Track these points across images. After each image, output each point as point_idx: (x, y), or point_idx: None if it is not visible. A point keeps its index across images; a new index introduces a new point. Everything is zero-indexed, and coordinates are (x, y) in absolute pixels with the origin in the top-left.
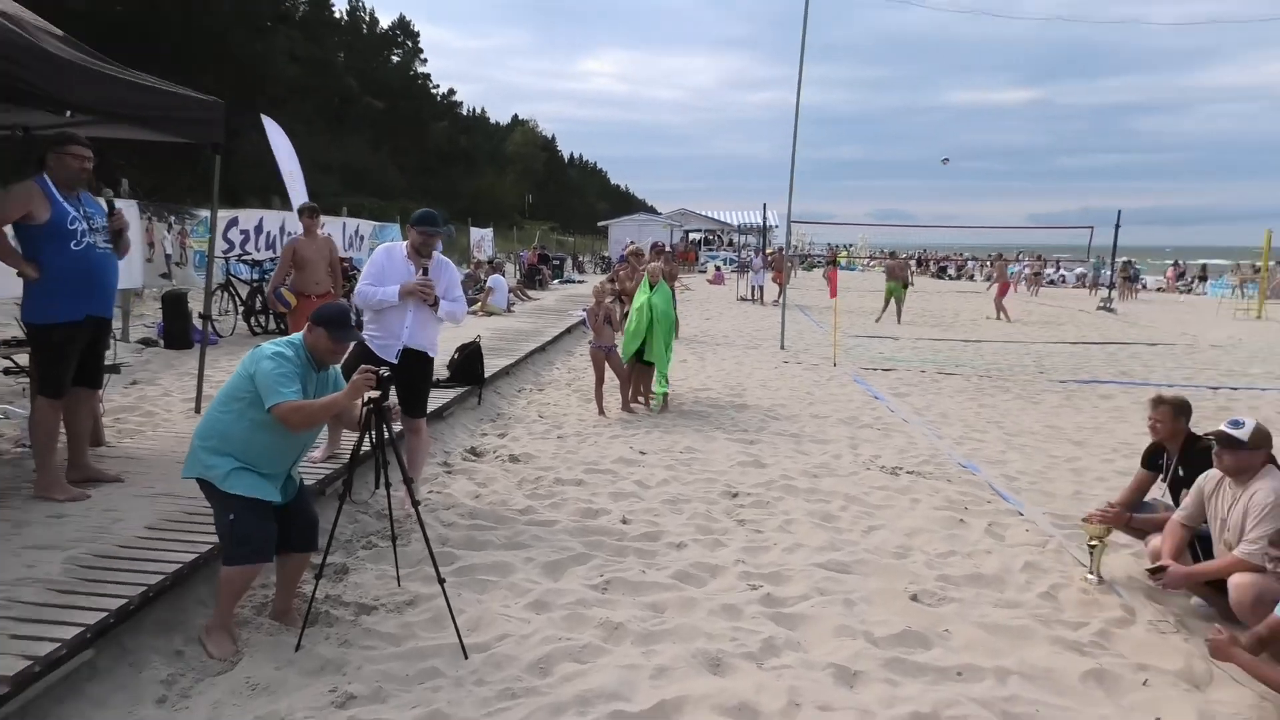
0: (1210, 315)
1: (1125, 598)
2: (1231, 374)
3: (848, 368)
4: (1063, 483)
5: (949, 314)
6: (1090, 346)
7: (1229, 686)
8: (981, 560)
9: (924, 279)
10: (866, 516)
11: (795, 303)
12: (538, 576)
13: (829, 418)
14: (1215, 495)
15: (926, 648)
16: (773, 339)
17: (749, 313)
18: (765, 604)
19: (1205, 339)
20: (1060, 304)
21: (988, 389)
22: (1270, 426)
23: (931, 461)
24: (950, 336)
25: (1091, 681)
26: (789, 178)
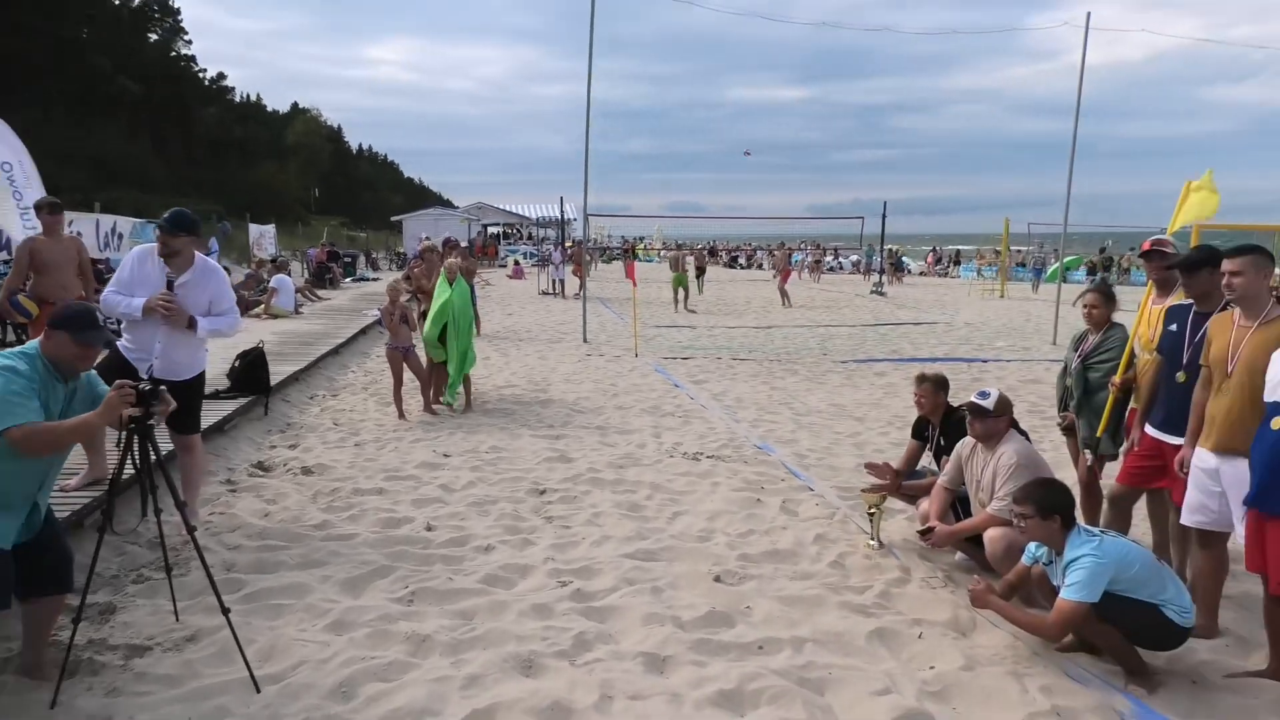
0: (963, 296)
1: (902, 559)
2: (982, 348)
3: (649, 358)
4: (846, 457)
5: (741, 302)
6: (866, 328)
7: (989, 631)
8: (778, 536)
9: (716, 269)
10: (671, 503)
11: (596, 295)
12: (336, 595)
13: (632, 408)
14: (970, 460)
15: (730, 626)
16: (575, 332)
17: (551, 307)
18: (576, 599)
19: (960, 318)
20: (839, 289)
21: (778, 372)
22: (1014, 394)
23: (730, 445)
24: (743, 324)
25: (876, 640)
26: (584, 171)
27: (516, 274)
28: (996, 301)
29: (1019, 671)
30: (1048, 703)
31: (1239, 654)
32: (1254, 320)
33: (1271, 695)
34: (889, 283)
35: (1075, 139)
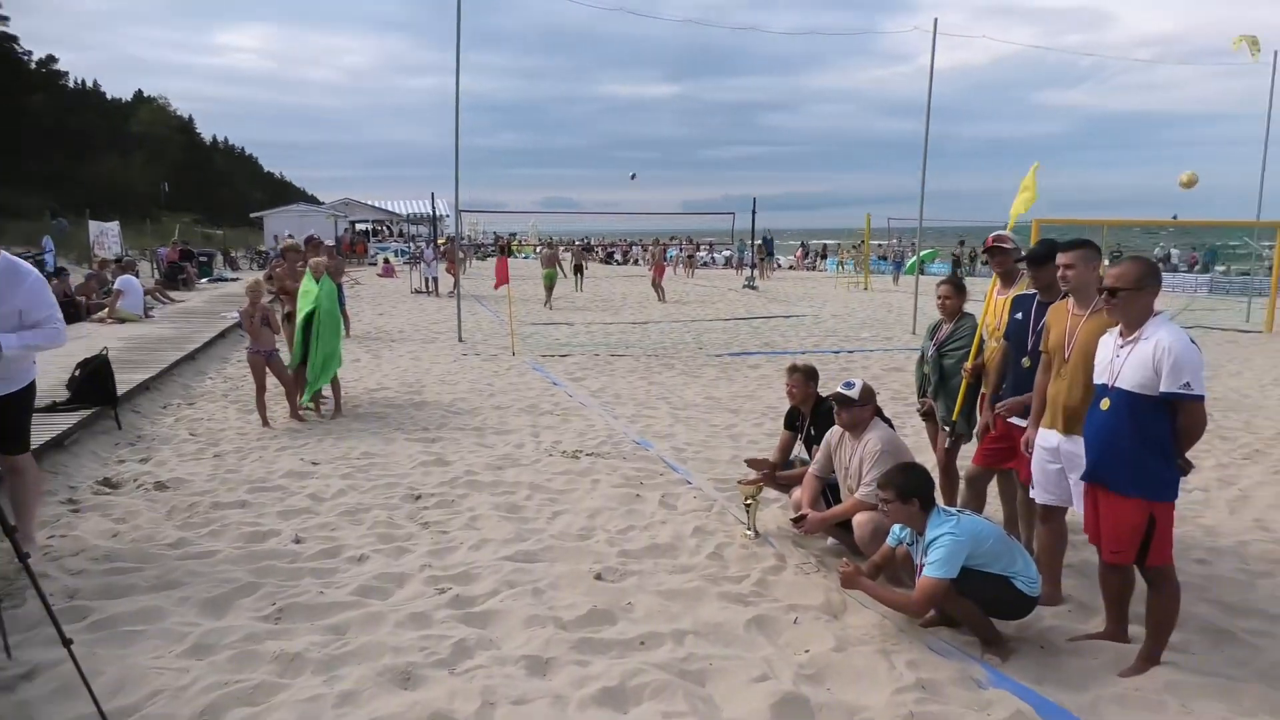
0: (829, 289)
1: (777, 547)
2: (848, 339)
3: (527, 356)
4: (723, 449)
5: (618, 298)
6: (739, 322)
7: (859, 612)
8: (657, 531)
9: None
10: (551, 503)
11: (471, 293)
12: (196, 617)
13: (510, 408)
14: (839, 448)
15: (612, 623)
16: (450, 331)
17: (424, 305)
18: (454, 606)
19: (827, 310)
20: (712, 284)
21: (655, 367)
22: (878, 383)
23: (609, 441)
24: (621, 319)
25: (754, 628)
26: (455, 165)
27: (387, 272)
28: (860, 294)
29: (887, 649)
30: (913, 676)
31: (1080, 618)
32: (1085, 309)
33: (1109, 655)
34: (760, 276)
35: (927, 138)
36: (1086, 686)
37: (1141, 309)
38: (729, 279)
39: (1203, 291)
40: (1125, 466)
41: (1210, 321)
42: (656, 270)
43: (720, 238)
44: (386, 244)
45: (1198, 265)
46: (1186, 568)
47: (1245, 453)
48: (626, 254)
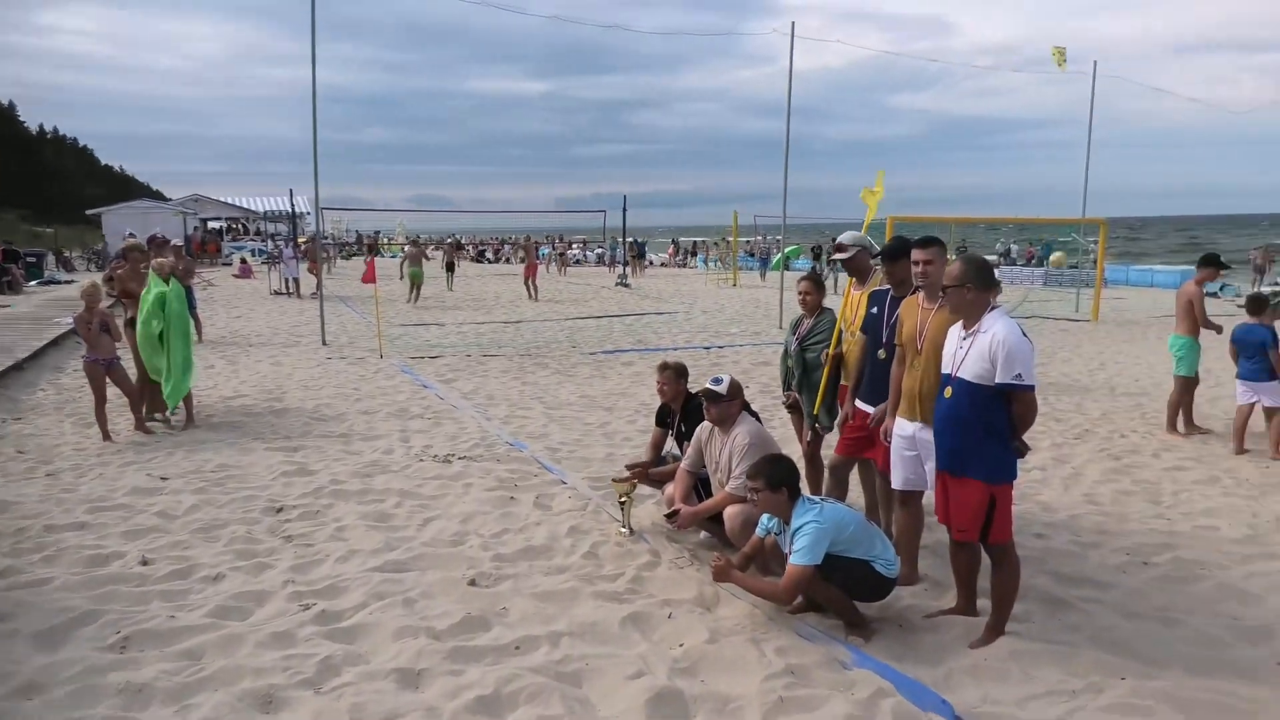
0: (700, 286)
1: (651, 543)
2: (718, 335)
3: (395, 358)
4: (597, 447)
5: (490, 297)
6: (613, 319)
7: (731, 603)
8: (532, 533)
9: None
10: (422, 509)
11: (335, 294)
12: (27, 652)
13: (378, 412)
14: (709, 443)
15: (487, 629)
16: (313, 334)
17: (285, 307)
18: (320, 622)
19: (697, 307)
20: (585, 282)
21: (529, 367)
22: (747, 377)
23: (482, 444)
24: (493, 319)
25: (629, 625)
26: (314, 160)
27: (244, 273)
28: (729, 290)
29: (757, 638)
30: (783, 663)
31: (935, 596)
32: (935, 302)
33: (960, 629)
34: (633, 274)
35: (789, 138)
36: (941, 660)
37: (971, 304)
38: (602, 276)
39: (1039, 284)
40: (968, 451)
41: (1045, 312)
42: (528, 268)
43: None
44: (242, 243)
45: (1034, 259)
46: (1026, 542)
47: (1076, 433)
48: (499, 252)
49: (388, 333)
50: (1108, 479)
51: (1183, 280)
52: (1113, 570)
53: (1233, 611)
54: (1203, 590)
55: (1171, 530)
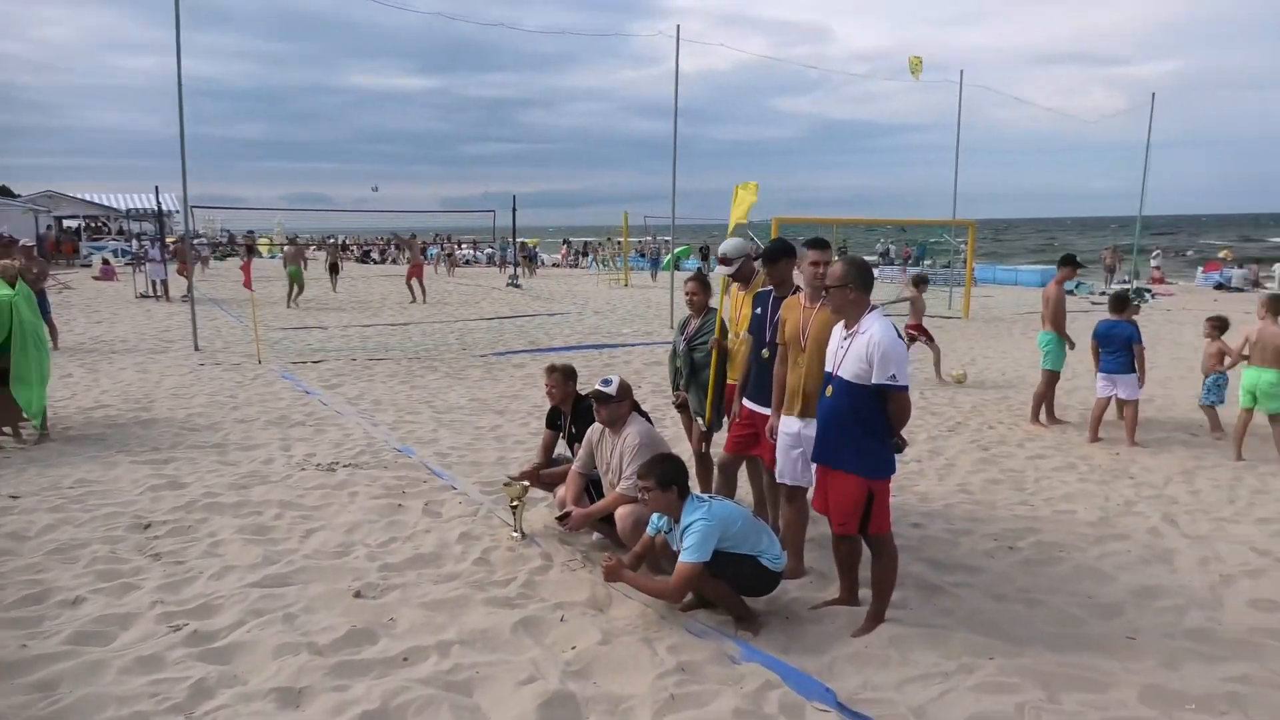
0: (592, 286)
1: (544, 546)
2: (610, 335)
3: (275, 364)
4: (489, 451)
5: (377, 298)
6: (504, 321)
7: (623, 604)
8: (421, 541)
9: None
10: (304, 520)
11: (209, 297)
12: None
13: (256, 420)
14: (600, 444)
15: (373, 642)
16: (184, 339)
17: (152, 311)
18: (192, 643)
19: (589, 307)
20: (475, 282)
21: (418, 370)
22: (639, 377)
23: (368, 451)
24: (379, 321)
25: (521, 630)
26: (181, 155)
27: (106, 274)
28: (621, 290)
29: (649, 637)
30: (674, 660)
31: (820, 588)
32: (817, 302)
33: (844, 619)
34: (524, 274)
35: (676, 138)
36: (825, 649)
37: (853, 304)
38: (492, 277)
39: None
40: (847, 448)
41: None
42: (412, 269)
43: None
44: (104, 243)
45: (911, 259)
46: (904, 531)
47: (950, 425)
48: (384, 252)
49: (267, 337)
50: (978, 469)
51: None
52: (982, 555)
53: (1088, 590)
54: (1061, 571)
55: (1034, 515)
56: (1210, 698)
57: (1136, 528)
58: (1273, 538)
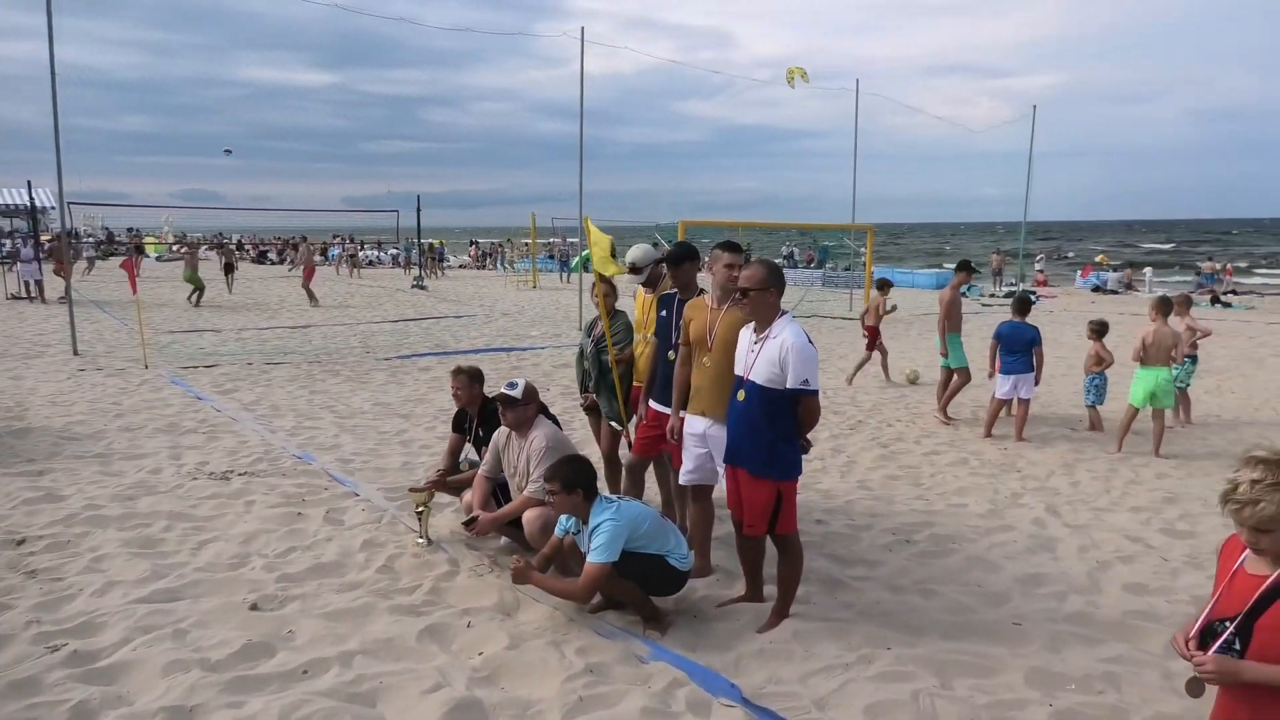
0: (500, 288)
1: (451, 552)
2: (519, 337)
3: (164, 369)
4: (394, 457)
5: (275, 300)
6: (409, 323)
7: (532, 607)
8: (322, 549)
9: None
10: (196, 532)
11: (90, 298)
12: None
13: (144, 428)
14: (507, 448)
15: (270, 655)
16: (62, 343)
17: (25, 314)
18: (72, 664)
19: (498, 309)
20: (379, 284)
21: (319, 374)
22: (548, 379)
23: (266, 458)
24: (278, 324)
25: (427, 638)
26: (55, 149)
27: None
28: (530, 292)
29: (558, 640)
30: (583, 662)
31: (726, 586)
32: (725, 304)
33: (750, 616)
34: (430, 276)
35: (582, 141)
36: (731, 646)
37: (770, 307)
38: (397, 278)
39: (817, 285)
40: (759, 452)
41: (824, 311)
42: (306, 273)
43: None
44: None
45: (814, 262)
46: (808, 528)
47: (851, 424)
48: (282, 252)
49: (154, 340)
50: (878, 465)
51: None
52: (881, 549)
53: (978, 580)
54: (954, 563)
55: (929, 510)
56: (1089, 677)
57: (1023, 519)
58: (1144, 525)
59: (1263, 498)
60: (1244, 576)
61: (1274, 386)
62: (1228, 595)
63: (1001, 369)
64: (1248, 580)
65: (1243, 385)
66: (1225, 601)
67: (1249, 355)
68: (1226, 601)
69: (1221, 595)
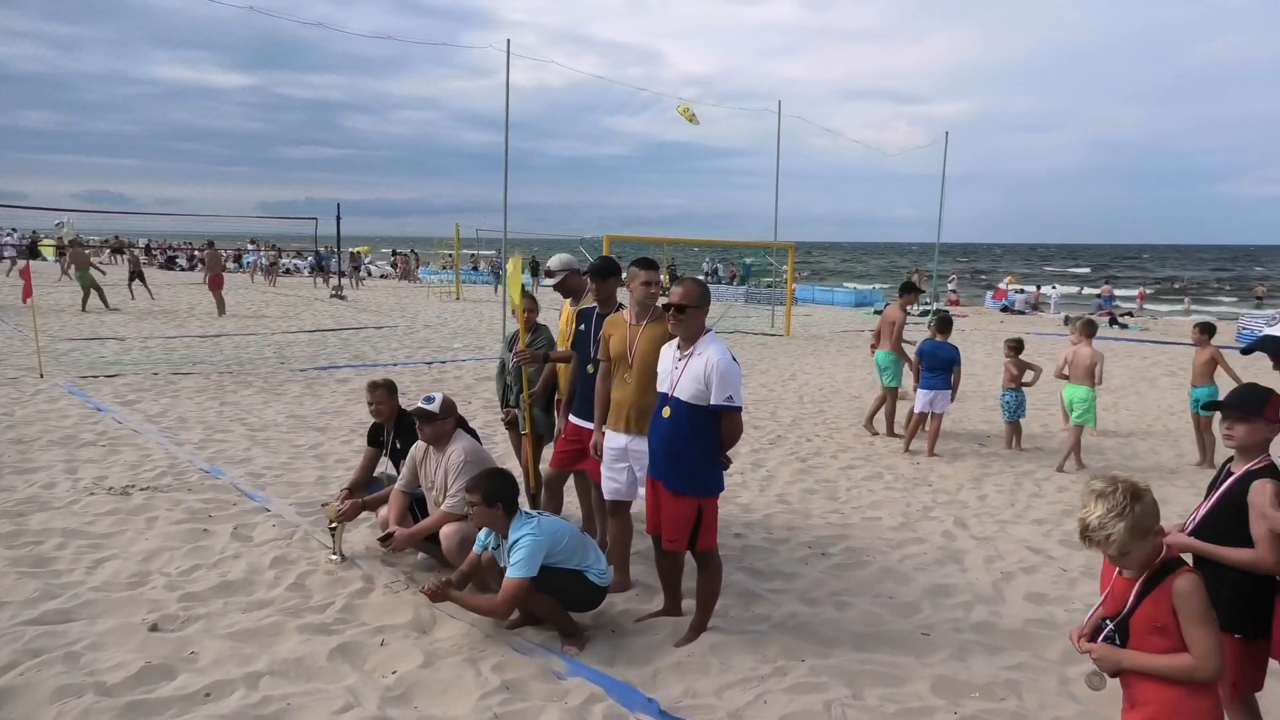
0: (423, 299)
1: (365, 569)
2: (441, 350)
3: (59, 378)
4: (308, 471)
5: (184, 308)
6: (327, 334)
7: (448, 624)
8: (229, 567)
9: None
10: (93, 550)
11: None
12: None
13: (36, 441)
14: (424, 462)
15: (171, 678)
16: None
17: None
18: None
19: (420, 320)
20: (297, 293)
21: (230, 385)
22: (470, 392)
23: (170, 472)
24: (187, 332)
25: (339, 657)
26: None
27: None
28: (454, 303)
29: (474, 657)
30: (498, 679)
31: (646, 600)
32: (644, 320)
33: (668, 629)
34: (351, 285)
35: (507, 152)
36: (649, 660)
37: (698, 324)
38: (320, 288)
39: (740, 301)
40: (682, 468)
41: (746, 327)
42: (211, 280)
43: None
44: None
45: (737, 279)
46: (727, 541)
47: (771, 438)
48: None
49: (50, 348)
50: (796, 479)
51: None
52: (798, 563)
53: (890, 591)
54: (867, 574)
55: (845, 523)
56: (992, 685)
57: (933, 531)
58: (1045, 537)
59: (1111, 529)
60: (1121, 582)
61: (1164, 404)
62: (1111, 598)
63: (921, 384)
64: (1124, 585)
65: (1136, 402)
66: (1109, 603)
67: (1143, 374)
68: (1110, 603)
69: (1107, 598)
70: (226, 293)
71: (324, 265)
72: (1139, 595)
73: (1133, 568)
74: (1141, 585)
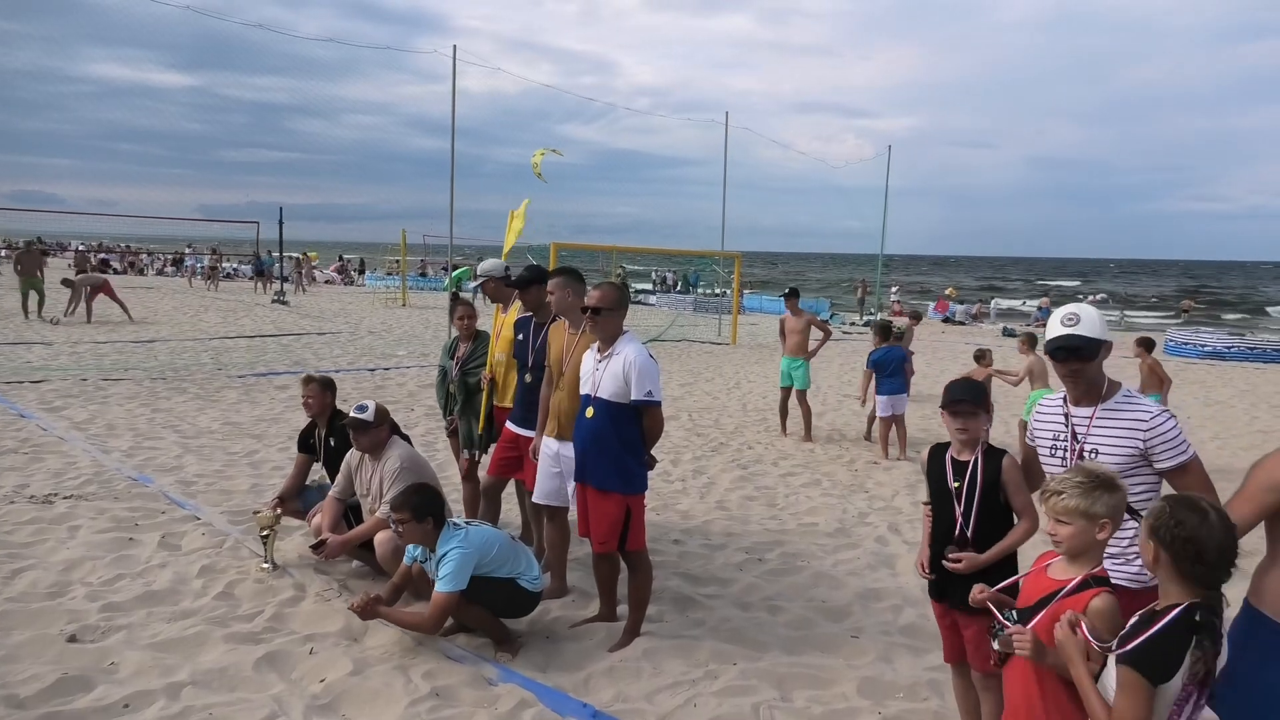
0: (367, 305)
1: (297, 577)
2: (385, 356)
3: None
4: (241, 479)
5: (115, 313)
6: (267, 339)
7: (380, 632)
8: (154, 576)
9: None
10: (10, 560)
11: None
12: None
13: None
14: (360, 469)
15: (88, 690)
16: None
17: None
18: None
19: (363, 327)
20: (237, 298)
21: (163, 391)
22: (413, 400)
23: (96, 480)
24: (119, 337)
25: (265, 666)
26: None
27: None
28: (399, 310)
29: (404, 664)
30: (428, 686)
31: (582, 606)
32: (576, 329)
33: (602, 635)
34: (294, 290)
35: (454, 158)
36: (582, 666)
37: (616, 327)
38: (261, 293)
39: (689, 310)
40: (607, 466)
41: (694, 335)
42: (103, 288)
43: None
44: None
45: (679, 284)
46: (664, 548)
47: (713, 446)
48: (132, 263)
49: None
50: (736, 486)
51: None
52: (734, 568)
53: (823, 596)
54: (801, 579)
55: (782, 529)
56: (915, 685)
57: (867, 536)
58: None
59: (1066, 492)
60: (1043, 578)
61: None
62: (1026, 589)
63: (879, 391)
64: (1044, 582)
65: None
66: (1024, 595)
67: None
68: (1025, 595)
69: (1023, 589)
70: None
71: (264, 270)
72: (1047, 599)
73: (1065, 548)
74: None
